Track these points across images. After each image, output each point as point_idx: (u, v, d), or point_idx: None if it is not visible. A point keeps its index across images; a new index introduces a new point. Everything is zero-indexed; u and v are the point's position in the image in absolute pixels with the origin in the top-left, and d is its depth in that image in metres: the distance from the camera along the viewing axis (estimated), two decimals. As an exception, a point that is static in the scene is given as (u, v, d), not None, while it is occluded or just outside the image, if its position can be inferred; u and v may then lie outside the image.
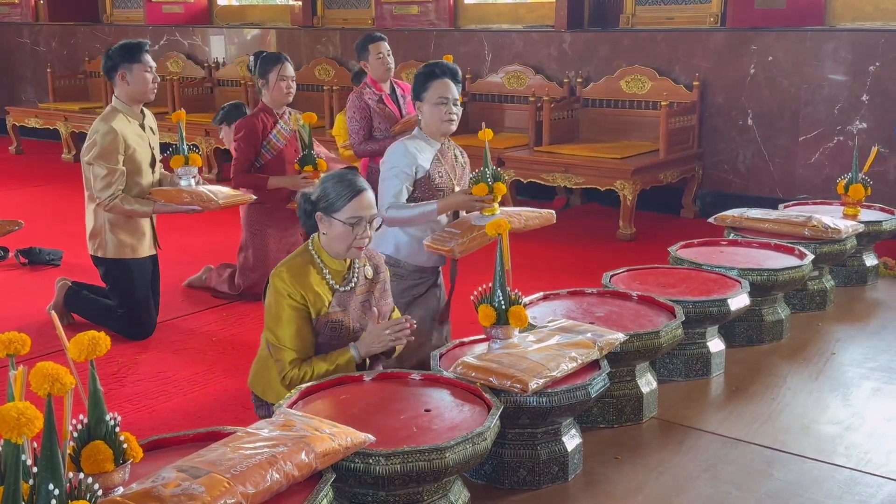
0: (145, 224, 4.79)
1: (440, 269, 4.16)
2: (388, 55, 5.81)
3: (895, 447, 3.13)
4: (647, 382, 3.34)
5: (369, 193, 3.15)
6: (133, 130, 4.64)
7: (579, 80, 7.88)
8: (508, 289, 3.04)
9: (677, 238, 4.95)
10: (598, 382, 2.86)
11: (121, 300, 4.81)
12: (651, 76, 7.56)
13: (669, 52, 7.57)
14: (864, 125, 6.86)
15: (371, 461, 2.32)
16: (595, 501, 2.83)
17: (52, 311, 2.17)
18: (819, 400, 3.51)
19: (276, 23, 10.24)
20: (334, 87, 8.54)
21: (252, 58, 5.41)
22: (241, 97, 9.23)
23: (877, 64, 6.76)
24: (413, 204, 3.90)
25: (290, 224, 5.32)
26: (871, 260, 4.87)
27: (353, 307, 3.15)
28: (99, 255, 4.77)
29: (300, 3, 9.68)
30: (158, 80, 4.72)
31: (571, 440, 2.93)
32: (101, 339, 1.97)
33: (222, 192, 4.73)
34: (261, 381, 3.32)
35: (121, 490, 2.01)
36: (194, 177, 4.63)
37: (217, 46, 10.45)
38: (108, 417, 2.03)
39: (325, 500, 2.14)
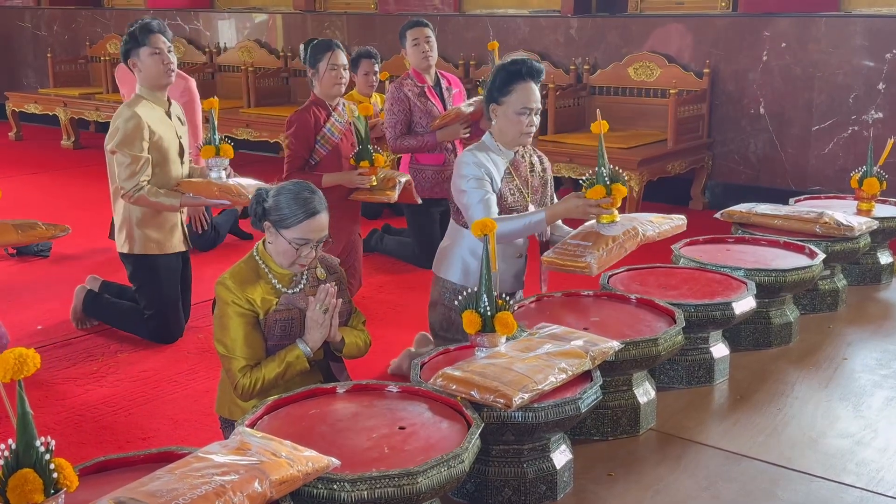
0: (175, 218, 4.53)
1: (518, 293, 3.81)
2: (427, 42, 5.37)
3: (909, 464, 2.93)
4: (644, 392, 3.13)
5: (322, 217, 2.99)
6: (158, 117, 4.40)
7: (586, 66, 7.67)
8: (495, 293, 2.83)
9: (685, 231, 4.75)
10: (589, 396, 2.66)
11: (148, 301, 4.55)
12: (660, 63, 7.35)
13: (679, 39, 7.35)
14: (881, 115, 6.63)
15: (335, 487, 2.12)
16: (585, 523, 2.64)
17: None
18: (829, 410, 3.30)
19: (278, 7, 10.04)
20: (335, 74, 8.33)
21: (302, 46, 4.99)
22: (242, 83, 9.05)
23: (894, 51, 6.53)
24: (515, 215, 3.50)
25: (350, 222, 4.95)
26: (885, 258, 4.64)
27: (302, 306, 3.01)
28: (125, 251, 4.52)
29: (302, -13, 9.48)
30: (173, 61, 4.41)
31: (561, 456, 2.73)
32: (29, 358, 1.78)
33: (252, 185, 4.42)
34: (226, 403, 3.17)
35: (53, 523, 1.83)
36: (225, 169, 4.37)
37: (218, 31, 10.25)
38: (38, 443, 1.83)
39: (281, 531, 1.96)
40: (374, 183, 4.76)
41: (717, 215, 4.57)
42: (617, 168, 3.57)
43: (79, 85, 10.74)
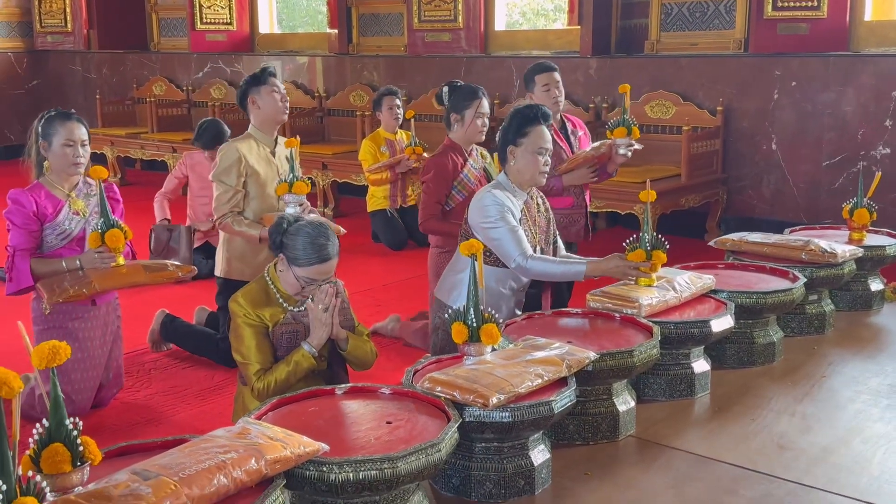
0: (263, 250, 4.67)
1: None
2: (557, 87, 5.16)
3: (867, 468, 3.16)
4: (623, 401, 3.39)
5: (333, 262, 3.35)
6: (261, 155, 4.68)
7: (605, 105, 7.98)
8: (482, 307, 3.14)
9: (681, 258, 5.00)
10: (562, 399, 2.94)
11: (226, 321, 4.71)
12: (675, 101, 7.64)
13: (693, 78, 7.64)
14: (888, 150, 6.85)
15: (325, 469, 2.43)
16: (560, 515, 2.91)
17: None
18: (801, 422, 3.54)
19: (315, 50, 10.50)
20: (366, 113, 8.73)
21: (446, 88, 4.95)
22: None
23: (899, 89, 6.75)
24: (558, 259, 3.87)
25: None
26: (876, 285, 4.87)
27: (306, 322, 3.33)
28: (217, 272, 4.84)
29: (336, 31, 9.93)
30: (288, 100, 4.75)
31: (539, 455, 3.01)
32: (61, 349, 2.11)
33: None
34: (240, 413, 3.50)
35: (79, 489, 2.15)
36: (301, 204, 4.52)
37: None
38: (67, 422, 2.17)
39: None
40: None
41: (711, 243, 4.83)
42: (660, 237, 3.85)
43: (125, 125, 11.27)
